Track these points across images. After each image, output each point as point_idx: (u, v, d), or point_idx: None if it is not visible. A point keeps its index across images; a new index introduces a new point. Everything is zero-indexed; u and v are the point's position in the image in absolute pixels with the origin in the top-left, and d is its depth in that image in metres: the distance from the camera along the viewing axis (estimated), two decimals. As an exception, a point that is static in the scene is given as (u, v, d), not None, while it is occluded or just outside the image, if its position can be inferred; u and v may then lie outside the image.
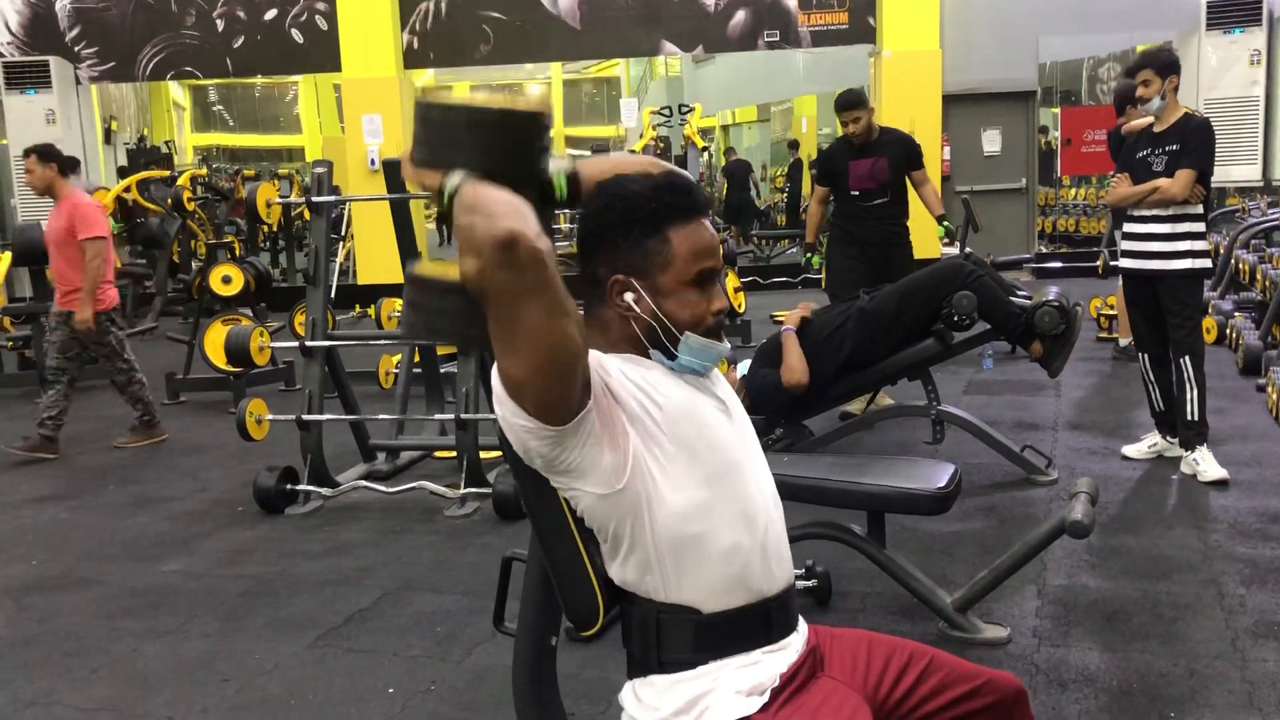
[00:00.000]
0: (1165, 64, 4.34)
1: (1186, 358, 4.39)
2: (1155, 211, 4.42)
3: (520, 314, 1.34)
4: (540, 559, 1.63)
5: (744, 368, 4.62)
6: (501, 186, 1.40)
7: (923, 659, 1.65)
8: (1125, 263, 4.60)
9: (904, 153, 5.65)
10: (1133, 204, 4.47)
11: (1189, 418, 4.40)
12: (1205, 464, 4.35)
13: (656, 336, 1.55)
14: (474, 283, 1.34)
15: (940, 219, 5.82)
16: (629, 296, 1.54)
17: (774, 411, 4.50)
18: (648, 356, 1.57)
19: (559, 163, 1.59)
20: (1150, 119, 4.47)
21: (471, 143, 1.50)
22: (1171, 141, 4.37)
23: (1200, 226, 4.43)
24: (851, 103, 5.56)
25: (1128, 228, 4.58)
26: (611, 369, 1.51)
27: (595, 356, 1.50)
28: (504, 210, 1.34)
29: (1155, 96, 4.35)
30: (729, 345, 1.62)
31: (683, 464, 1.50)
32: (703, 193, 1.61)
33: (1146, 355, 4.62)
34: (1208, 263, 4.51)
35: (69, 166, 5.92)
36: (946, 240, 5.23)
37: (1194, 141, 4.33)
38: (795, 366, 4.39)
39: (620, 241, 1.54)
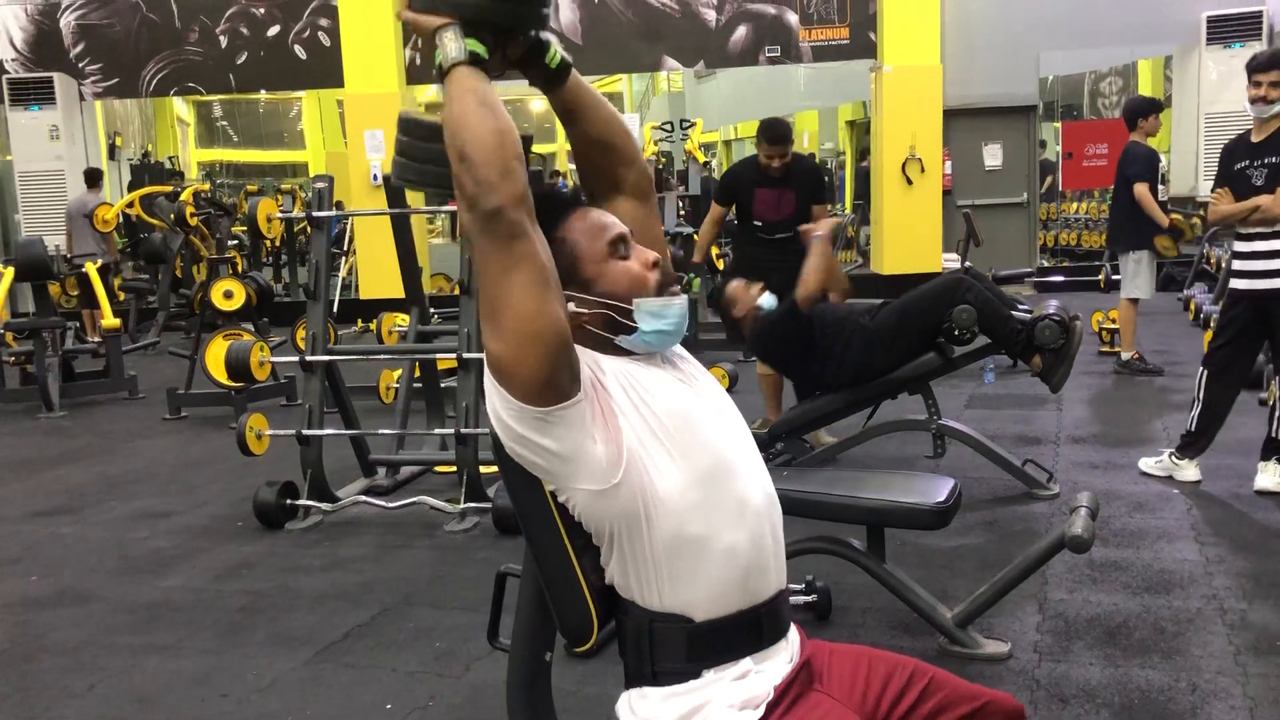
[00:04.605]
0: None
1: None
2: (1261, 229, 4.19)
3: (501, 281, 1.40)
4: (535, 574, 1.62)
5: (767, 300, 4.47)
6: (495, 32, 1.46)
7: (923, 678, 1.64)
8: (1238, 283, 4.35)
9: (812, 186, 5.44)
10: (1237, 222, 4.26)
11: (1274, 435, 4.30)
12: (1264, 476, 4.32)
13: (613, 321, 1.56)
14: (462, 229, 1.43)
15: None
16: (570, 305, 1.54)
17: (774, 348, 4.50)
18: (618, 348, 1.57)
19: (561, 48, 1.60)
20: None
21: None
22: (1270, 153, 4.17)
23: None
24: (782, 137, 5.35)
25: (1237, 247, 4.37)
26: (605, 366, 1.53)
27: (588, 354, 1.52)
28: (492, 173, 1.38)
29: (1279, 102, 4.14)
30: (684, 297, 1.61)
31: (678, 462, 1.50)
32: (567, 189, 1.62)
33: (1207, 372, 4.43)
34: None
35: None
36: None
37: None
38: (812, 278, 4.39)
39: None
